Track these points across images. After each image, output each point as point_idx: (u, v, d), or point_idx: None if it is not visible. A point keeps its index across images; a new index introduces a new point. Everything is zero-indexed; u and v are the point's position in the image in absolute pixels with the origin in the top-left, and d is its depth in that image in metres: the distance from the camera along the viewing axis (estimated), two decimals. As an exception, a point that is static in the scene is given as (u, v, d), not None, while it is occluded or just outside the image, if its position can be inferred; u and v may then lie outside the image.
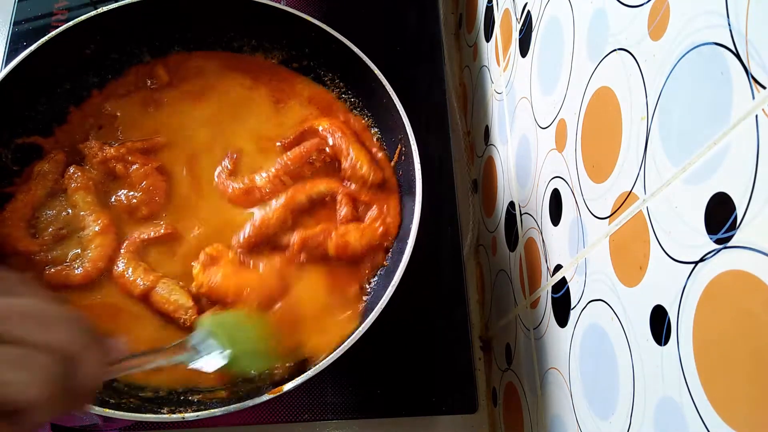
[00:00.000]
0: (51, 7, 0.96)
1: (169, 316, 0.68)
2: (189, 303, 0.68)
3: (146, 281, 0.69)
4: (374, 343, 0.79)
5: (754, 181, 0.34)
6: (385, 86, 0.76)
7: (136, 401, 0.65)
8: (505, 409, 0.80)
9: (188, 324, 0.67)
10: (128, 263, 0.71)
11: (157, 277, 0.70)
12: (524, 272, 0.73)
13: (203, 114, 0.81)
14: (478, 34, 0.96)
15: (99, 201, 0.74)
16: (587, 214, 0.55)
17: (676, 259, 0.41)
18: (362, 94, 0.83)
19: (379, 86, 0.77)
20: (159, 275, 0.70)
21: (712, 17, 0.38)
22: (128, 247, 0.72)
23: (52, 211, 0.73)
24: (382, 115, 0.81)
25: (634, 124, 0.47)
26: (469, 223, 0.96)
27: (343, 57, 0.79)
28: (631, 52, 0.48)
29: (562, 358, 0.61)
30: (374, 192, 0.77)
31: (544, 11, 0.67)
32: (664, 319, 0.42)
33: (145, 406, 0.64)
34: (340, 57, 0.80)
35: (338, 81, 0.85)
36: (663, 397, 0.42)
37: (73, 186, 0.73)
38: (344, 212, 0.75)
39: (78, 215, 0.73)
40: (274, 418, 0.75)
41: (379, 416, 0.79)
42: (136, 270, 0.70)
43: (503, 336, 0.81)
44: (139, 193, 0.74)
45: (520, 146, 0.76)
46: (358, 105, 0.84)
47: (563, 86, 0.61)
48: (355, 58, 0.78)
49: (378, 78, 0.77)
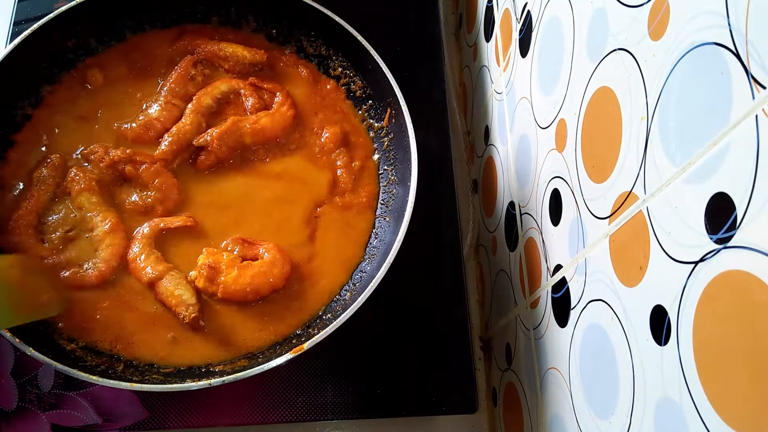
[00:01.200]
0: (51, 7, 0.96)
1: (170, 309, 0.69)
2: (192, 300, 0.69)
3: (155, 271, 0.70)
4: (374, 343, 0.79)
5: (754, 181, 0.34)
6: (369, 51, 0.79)
7: (159, 377, 0.66)
8: (505, 409, 0.80)
9: (187, 320, 0.67)
10: (142, 249, 0.71)
11: (166, 268, 0.70)
12: (524, 272, 0.73)
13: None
14: (478, 34, 0.96)
15: (105, 201, 0.74)
16: (587, 214, 0.55)
17: (676, 259, 0.41)
18: (349, 58, 0.85)
19: (364, 52, 0.79)
20: (169, 266, 0.71)
21: (712, 17, 0.38)
22: (146, 233, 0.72)
23: (59, 214, 0.73)
24: (371, 82, 0.83)
25: (634, 124, 0.47)
26: (469, 223, 0.96)
27: (326, 26, 0.82)
28: (631, 52, 0.48)
29: (562, 358, 0.61)
30: (272, 78, 0.83)
31: (544, 11, 0.67)
32: (664, 319, 0.42)
33: (168, 380, 0.65)
34: (322, 26, 0.82)
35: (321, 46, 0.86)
36: (663, 397, 0.42)
37: (77, 188, 0.73)
38: (251, 102, 0.80)
39: (85, 217, 0.73)
40: (274, 418, 0.75)
41: (379, 416, 0.79)
42: (149, 258, 0.71)
43: (503, 336, 0.81)
44: (152, 192, 0.74)
45: (520, 146, 0.76)
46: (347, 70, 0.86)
47: (563, 86, 0.61)
48: (337, 26, 0.80)
49: (363, 45, 0.79)
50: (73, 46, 0.80)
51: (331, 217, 0.78)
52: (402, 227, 0.69)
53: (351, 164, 0.80)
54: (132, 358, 0.69)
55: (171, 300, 0.69)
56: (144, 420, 0.74)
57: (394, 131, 0.80)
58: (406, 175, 0.75)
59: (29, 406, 0.74)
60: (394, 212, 0.76)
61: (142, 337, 0.69)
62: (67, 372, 0.61)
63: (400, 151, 0.78)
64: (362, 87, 0.84)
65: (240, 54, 0.82)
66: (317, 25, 0.83)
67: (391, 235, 0.72)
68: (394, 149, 0.80)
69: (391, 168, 0.80)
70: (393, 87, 0.77)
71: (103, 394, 0.75)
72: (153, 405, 0.75)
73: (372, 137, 0.83)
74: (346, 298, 0.73)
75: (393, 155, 0.80)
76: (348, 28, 0.80)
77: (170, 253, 0.73)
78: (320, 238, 0.77)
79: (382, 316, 0.66)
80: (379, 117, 0.82)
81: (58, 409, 0.74)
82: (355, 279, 0.75)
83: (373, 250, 0.76)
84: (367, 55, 0.79)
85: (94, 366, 0.66)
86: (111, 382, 0.61)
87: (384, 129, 0.81)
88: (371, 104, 0.83)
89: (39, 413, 0.74)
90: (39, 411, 0.74)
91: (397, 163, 0.79)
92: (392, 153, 0.80)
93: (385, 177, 0.80)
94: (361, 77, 0.83)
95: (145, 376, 0.66)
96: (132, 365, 0.68)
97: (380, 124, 0.82)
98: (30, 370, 0.76)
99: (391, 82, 0.77)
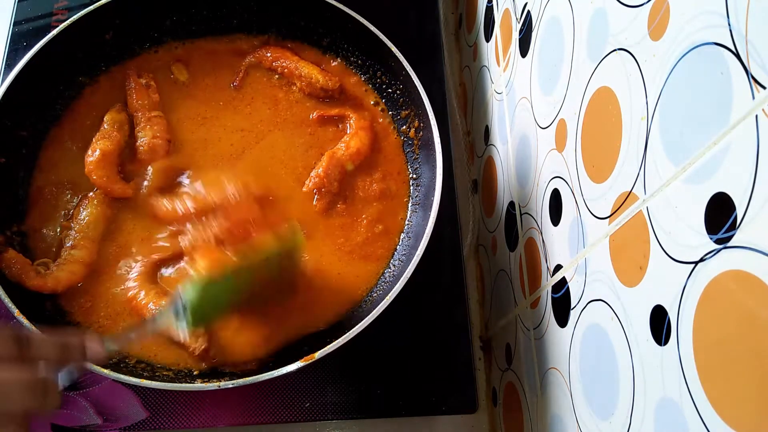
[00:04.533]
0: (51, 7, 0.96)
1: (179, 343, 0.68)
2: (200, 332, 0.68)
3: (158, 306, 0.69)
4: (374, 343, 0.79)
5: (754, 181, 0.34)
6: (411, 76, 0.79)
7: (170, 374, 0.67)
8: (505, 409, 0.80)
9: (198, 353, 0.67)
10: (141, 286, 0.71)
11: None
12: (524, 272, 0.73)
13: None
14: (478, 34, 0.96)
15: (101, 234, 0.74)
16: (587, 214, 0.55)
17: (676, 259, 0.41)
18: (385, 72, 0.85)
19: (408, 78, 0.80)
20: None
21: (712, 17, 0.38)
22: (142, 268, 0.72)
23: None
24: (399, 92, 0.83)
25: (634, 124, 0.47)
26: (469, 223, 0.96)
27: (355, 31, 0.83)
28: (631, 52, 0.48)
29: (562, 358, 0.61)
30: (342, 103, 0.85)
31: (544, 11, 0.67)
32: (664, 319, 0.42)
33: (178, 378, 0.66)
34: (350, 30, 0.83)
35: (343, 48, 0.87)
36: (663, 397, 0.42)
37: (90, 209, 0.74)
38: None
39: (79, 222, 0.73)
40: (274, 418, 0.75)
41: (379, 416, 0.79)
42: (149, 294, 0.70)
43: (503, 336, 0.81)
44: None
45: (520, 146, 0.76)
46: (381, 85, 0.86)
47: (563, 86, 0.61)
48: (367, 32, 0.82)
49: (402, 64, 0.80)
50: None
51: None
52: (420, 248, 0.69)
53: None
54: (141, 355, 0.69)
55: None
56: (144, 420, 0.74)
57: (422, 139, 0.80)
58: (426, 204, 0.75)
59: (29, 406, 0.74)
60: (414, 236, 0.76)
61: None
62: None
63: (423, 151, 0.79)
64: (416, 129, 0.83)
65: (315, 77, 0.83)
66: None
67: (410, 252, 0.73)
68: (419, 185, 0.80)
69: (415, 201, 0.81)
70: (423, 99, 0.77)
71: (103, 394, 0.75)
72: (153, 405, 0.75)
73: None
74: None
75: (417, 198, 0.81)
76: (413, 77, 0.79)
77: (166, 281, 0.73)
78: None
79: (382, 316, 0.66)
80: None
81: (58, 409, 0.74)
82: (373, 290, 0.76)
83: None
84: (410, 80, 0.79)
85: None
86: (122, 377, 0.61)
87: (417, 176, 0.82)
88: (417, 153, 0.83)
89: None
90: (39, 411, 0.74)
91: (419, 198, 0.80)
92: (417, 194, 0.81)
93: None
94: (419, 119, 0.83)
95: (155, 372, 0.66)
96: (144, 360, 0.68)
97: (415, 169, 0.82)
98: (30, 370, 0.76)
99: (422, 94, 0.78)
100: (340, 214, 0.78)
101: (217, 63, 0.86)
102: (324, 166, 0.78)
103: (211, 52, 0.87)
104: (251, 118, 0.84)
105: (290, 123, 0.84)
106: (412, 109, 0.81)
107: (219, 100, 0.84)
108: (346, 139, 0.80)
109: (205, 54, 0.87)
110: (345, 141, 0.80)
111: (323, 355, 0.63)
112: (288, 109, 0.85)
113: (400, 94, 0.83)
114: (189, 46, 0.86)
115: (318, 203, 0.78)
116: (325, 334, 0.71)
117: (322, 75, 0.83)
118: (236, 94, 0.85)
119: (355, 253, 0.77)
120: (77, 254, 0.70)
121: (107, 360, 0.63)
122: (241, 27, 0.87)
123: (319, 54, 0.88)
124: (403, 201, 0.81)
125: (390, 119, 0.85)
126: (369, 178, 0.81)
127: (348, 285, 0.76)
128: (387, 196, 0.80)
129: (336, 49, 0.87)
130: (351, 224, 0.78)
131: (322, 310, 0.74)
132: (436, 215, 0.71)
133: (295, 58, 0.85)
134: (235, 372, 0.67)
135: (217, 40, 0.87)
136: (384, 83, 0.85)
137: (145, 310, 0.69)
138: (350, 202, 0.79)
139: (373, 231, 0.78)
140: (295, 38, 0.88)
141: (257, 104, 0.85)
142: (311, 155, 0.81)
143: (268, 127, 0.83)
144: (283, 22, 0.87)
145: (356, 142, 0.80)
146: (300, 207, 0.78)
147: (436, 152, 0.74)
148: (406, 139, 0.83)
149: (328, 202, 0.78)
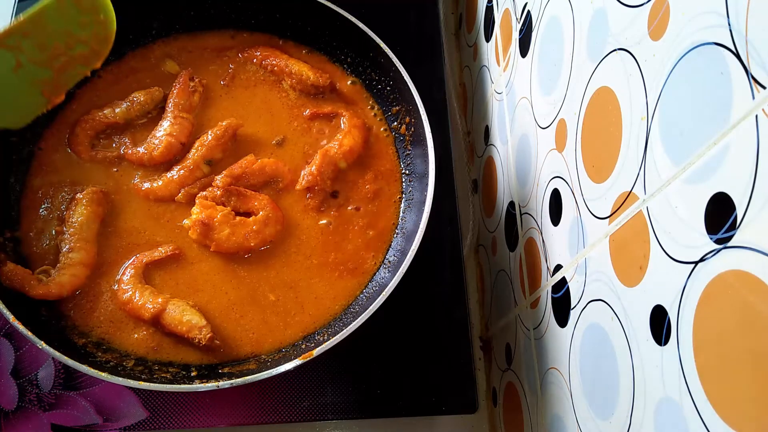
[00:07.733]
0: (51, 7, 0.96)
1: (183, 336, 0.68)
2: (202, 322, 0.68)
3: (155, 304, 0.69)
4: (374, 343, 0.79)
5: (754, 181, 0.34)
6: (391, 59, 0.80)
7: (168, 375, 0.66)
8: (505, 409, 0.80)
9: (204, 342, 0.67)
10: (134, 287, 0.70)
11: (166, 299, 0.69)
12: (524, 272, 0.73)
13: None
14: (478, 34, 0.96)
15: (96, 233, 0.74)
16: (587, 214, 0.55)
17: (676, 259, 0.41)
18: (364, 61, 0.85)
19: (386, 59, 0.81)
20: (167, 297, 0.70)
21: (712, 17, 0.38)
22: (133, 270, 0.72)
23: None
24: (391, 91, 0.83)
25: (634, 124, 0.47)
26: (469, 223, 0.96)
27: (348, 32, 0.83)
28: (631, 52, 0.48)
29: (562, 358, 0.61)
30: (333, 100, 0.85)
31: (544, 11, 0.67)
32: (664, 319, 0.42)
33: (177, 379, 0.66)
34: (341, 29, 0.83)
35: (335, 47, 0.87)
36: (663, 397, 0.42)
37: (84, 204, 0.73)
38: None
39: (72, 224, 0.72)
40: (274, 418, 0.75)
41: (379, 416, 0.79)
42: (143, 294, 0.70)
43: (503, 336, 0.81)
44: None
45: (520, 146, 0.76)
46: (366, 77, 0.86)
47: (563, 86, 0.61)
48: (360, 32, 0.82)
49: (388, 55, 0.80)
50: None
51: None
52: (414, 243, 0.69)
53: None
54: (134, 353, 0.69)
55: (181, 327, 0.68)
56: (144, 420, 0.74)
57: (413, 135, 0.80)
58: (420, 201, 0.75)
59: (29, 406, 0.74)
60: (407, 232, 0.76)
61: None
62: (77, 368, 0.61)
63: (415, 140, 0.79)
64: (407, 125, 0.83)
65: (305, 74, 0.83)
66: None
67: (405, 246, 0.73)
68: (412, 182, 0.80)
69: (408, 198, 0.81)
70: (414, 97, 0.78)
71: (103, 394, 0.75)
72: (153, 405, 0.75)
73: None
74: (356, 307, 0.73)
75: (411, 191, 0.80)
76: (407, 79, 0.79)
77: (159, 282, 0.73)
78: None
79: (382, 317, 0.66)
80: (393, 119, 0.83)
81: (58, 409, 0.74)
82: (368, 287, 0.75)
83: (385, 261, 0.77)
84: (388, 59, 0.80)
85: (104, 362, 0.66)
86: (119, 380, 0.61)
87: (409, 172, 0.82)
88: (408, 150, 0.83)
89: (39, 413, 0.74)
90: (39, 411, 0.74)
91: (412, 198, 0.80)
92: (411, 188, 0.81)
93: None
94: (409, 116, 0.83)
95: (153, 374, 0.66)
96: (142, 362, 0.68)
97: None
98: (30, 370, 0.76)
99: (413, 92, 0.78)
100: (332, 212, 0.78)
101: (207, 60, 0.86)
102: (317, 164, 0.78)
103: (200, 48, 0.87)
104: (241, 114, 0.84)
105: (281, 120, 0.84)
106: (403, 105, 0.81)
107: (209, 97, 0.84)
108: (339, 137, 0.80)
109: (195, 51, 0.86)
110: (338, 139, 0.80)
111: (321, 352, 0.63)
112: (279, 106, 0.84)
113: (390, 91, 0.83)
114: (178, 44, 0.86)
115: (311, 201, 0.78)
116: (323, 334, 0.71)
117: (313, 72, 0.83)
118: (226, 92, 0.85)
119: (351, 250, 0.77)
120: (76, 257, 0.70)
121: None
122: (231, 24, 0.87)
123: (309, 51, 0.88)
124: (397, 198, 0.80)
125: (381, 116, 0.85)
126: (361, 177, 0.80)
127: (344, 282, 0.76)
128: (379, 193, 0.80)
129: (326, 47, 0.87)
130: (344, 221, 0.78)
131: (317, 309, 0.74)
132: (430, 209, 0.71)
133: (285, 56, 0.85)
134: (233, 372, 0.67)
135: (206, 37, 0.87)
136: (374, 80, 0.85)
137: (142, 310, 0.69)
138: (343, 200, 0.79)
139: (367, 227, 0.78)
140: (285, 36, 0.88)
141: (246, 101, 0.85)
142: (303, 151, 0.81)
143: (259, 124, 0.83)
144: (272, 20, 0.86)
145: (349, 140, 0.80)
146: (292, 205, 0.78)
147: (428, 147, 0.74)
148: (398, 135, 0.83)
149: (321, 200, 0.78)
